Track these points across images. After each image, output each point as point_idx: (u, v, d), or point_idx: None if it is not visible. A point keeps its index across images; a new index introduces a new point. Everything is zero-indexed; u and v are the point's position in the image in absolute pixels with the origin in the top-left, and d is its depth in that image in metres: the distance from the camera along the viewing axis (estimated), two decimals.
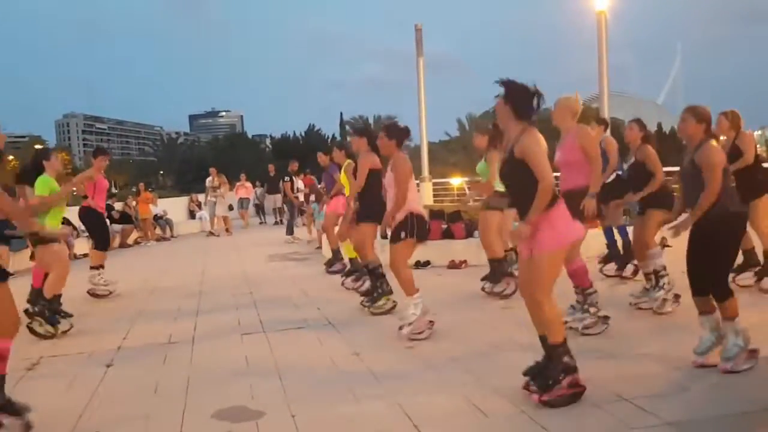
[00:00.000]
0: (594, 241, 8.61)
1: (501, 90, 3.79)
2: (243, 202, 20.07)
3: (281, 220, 19.66)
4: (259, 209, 21.89)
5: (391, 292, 6.32)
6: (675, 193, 5.66)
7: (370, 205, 6.44)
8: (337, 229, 8.64)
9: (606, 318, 5.12)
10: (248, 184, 20.67)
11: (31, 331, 5.89)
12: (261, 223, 20.99)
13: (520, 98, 3.75)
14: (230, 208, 18.34)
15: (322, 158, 10.73)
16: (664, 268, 5.73)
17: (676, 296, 5.58)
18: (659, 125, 68.29)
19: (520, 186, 3.74)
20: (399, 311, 5.73)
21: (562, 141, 5.42)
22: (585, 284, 5.28)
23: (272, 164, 21.25)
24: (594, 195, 5.25)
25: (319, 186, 14.36)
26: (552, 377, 3.61)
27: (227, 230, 17.41)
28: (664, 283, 5.65)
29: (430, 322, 5.35)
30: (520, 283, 4.06)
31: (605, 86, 12.15)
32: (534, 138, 3.68)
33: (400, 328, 5.30)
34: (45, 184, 6.12)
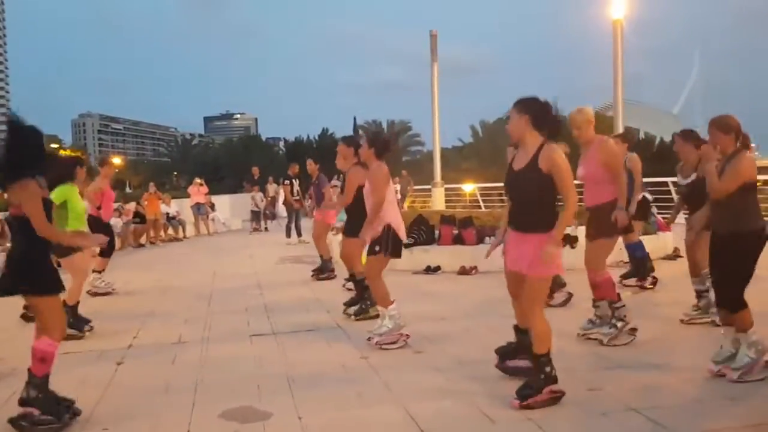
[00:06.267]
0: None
1: (518, 104, 3.85)
2: (200, 208, 18.33)
3: (264, 228, 18.84)
4: (256, 216, 19.14)
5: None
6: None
7: (357, 219, 6.40)
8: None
9: (634, 330, 5.01)
10: (204, 188, 18.82)
11: None
12: (255, 229, 18.69)
13: (538, 110, 3.81)
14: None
15: (311, 166, 10.49)
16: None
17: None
18: (674, 136, 67.60)
19: (534, 197, 3.79)
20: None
21: (585, 155, 5.30)
22: (613, 297, 5.12)
23: (256, 167, 19.65)
24: (623, 207, 5.06)
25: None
26: (535, 386, 3.71)
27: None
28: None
29: (406, 335, 5.24)
30: (511, 288, 4.09)
31: (620, 95, 12.12)
32: (561, 154, 3.75)
33: (369, 338, 5.27)
34: (64, 194, 6.13)
